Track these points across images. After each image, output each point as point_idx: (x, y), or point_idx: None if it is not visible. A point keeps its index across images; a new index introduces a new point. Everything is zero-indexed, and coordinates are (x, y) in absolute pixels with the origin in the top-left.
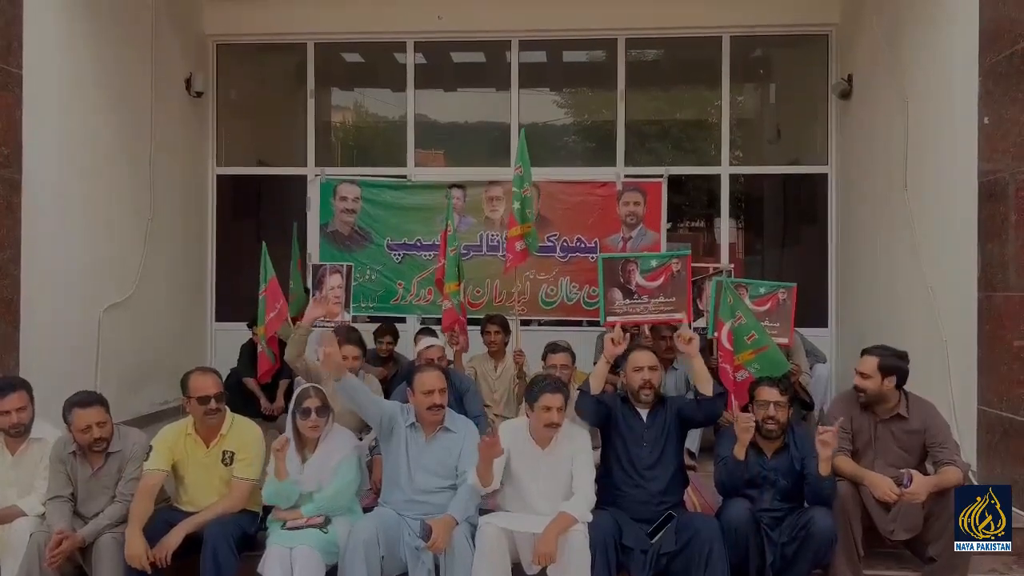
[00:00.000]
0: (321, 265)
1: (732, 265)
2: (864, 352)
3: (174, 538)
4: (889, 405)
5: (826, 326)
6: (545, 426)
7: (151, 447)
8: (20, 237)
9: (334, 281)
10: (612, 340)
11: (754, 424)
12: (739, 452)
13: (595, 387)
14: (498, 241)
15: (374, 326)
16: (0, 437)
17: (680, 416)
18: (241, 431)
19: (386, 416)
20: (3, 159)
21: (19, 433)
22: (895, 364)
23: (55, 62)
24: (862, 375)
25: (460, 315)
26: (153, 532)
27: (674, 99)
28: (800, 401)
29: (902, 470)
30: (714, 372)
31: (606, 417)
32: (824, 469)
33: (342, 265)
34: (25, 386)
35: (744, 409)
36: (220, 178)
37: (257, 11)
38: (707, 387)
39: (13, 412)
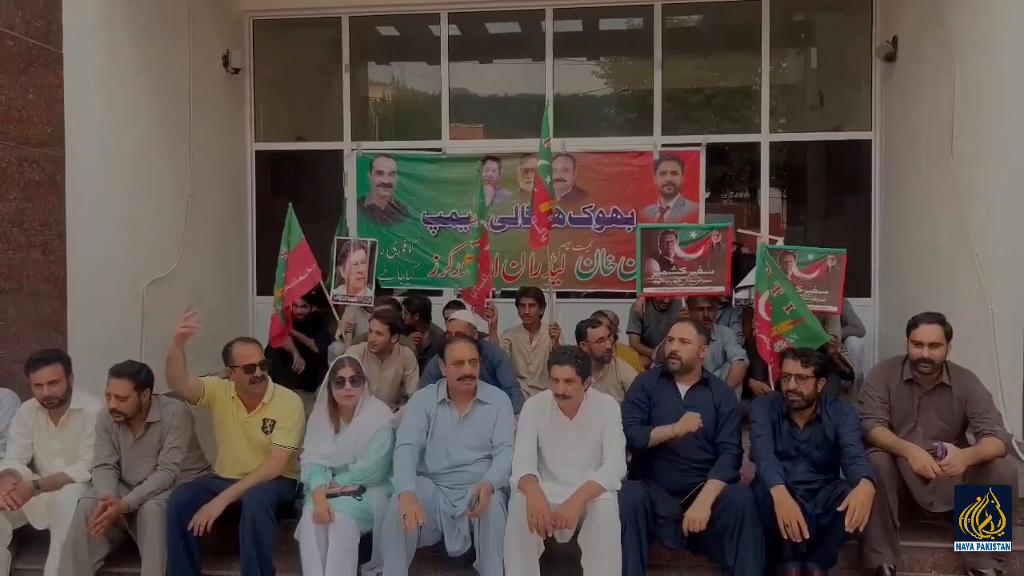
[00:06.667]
0: (345, 240)
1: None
2: (922, 321)
3: (216, 507)
4: (934, 375)
5: (869, 296)
6: (555, 396)
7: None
8: (65, 215)
9: (357, 256)
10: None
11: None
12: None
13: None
14: None
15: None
16: (43, 410)
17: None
18: (282, 400)
19: (423, 430)
20: (47, 137)
21: (54, 405)
22: (950, 330)
23: (94, 41)
24: (931, 345)
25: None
26: (194, 500)
27: (713, 66)
28: (839, 371)
29: (935, 443)
30: (752, 343)
31: None
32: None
33: (366, 240)
34: (61, 359)
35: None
36: (259, 154)
37: None
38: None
39: (45, 385)
